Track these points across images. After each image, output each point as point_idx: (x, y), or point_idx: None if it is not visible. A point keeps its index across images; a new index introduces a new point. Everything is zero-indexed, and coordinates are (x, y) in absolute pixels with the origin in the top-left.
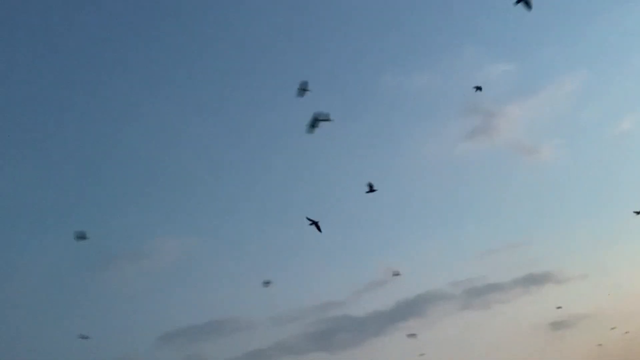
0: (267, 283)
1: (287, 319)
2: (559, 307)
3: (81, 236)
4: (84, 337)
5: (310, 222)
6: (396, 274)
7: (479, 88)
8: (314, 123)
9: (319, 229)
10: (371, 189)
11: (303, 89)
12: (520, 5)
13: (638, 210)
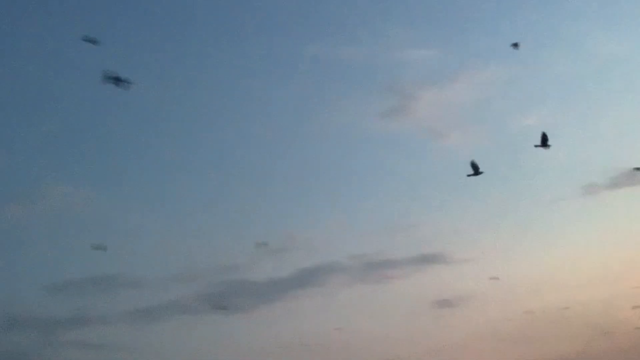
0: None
1: (183, 278)
2: (494, 278)
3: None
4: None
5: (473, 173)
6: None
7: (515, 45)
8: (111, 80)
9: (476, 172)
10: (544, 142)
11: (90, 40)
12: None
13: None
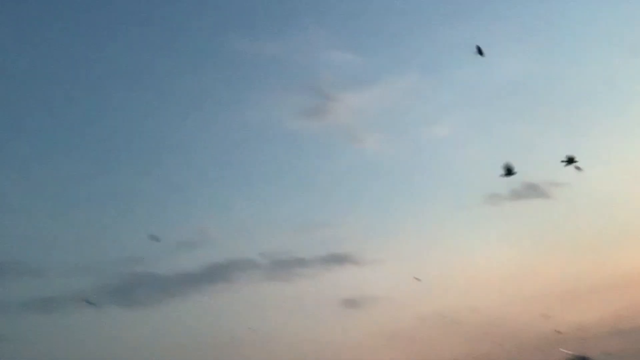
0: (154, 238)
1: (85, 269)
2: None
3: None
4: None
5: (506, 173)
6: None
7: (480, 51)
8: None
9: (510, 173)
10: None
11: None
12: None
13: (564, 159)
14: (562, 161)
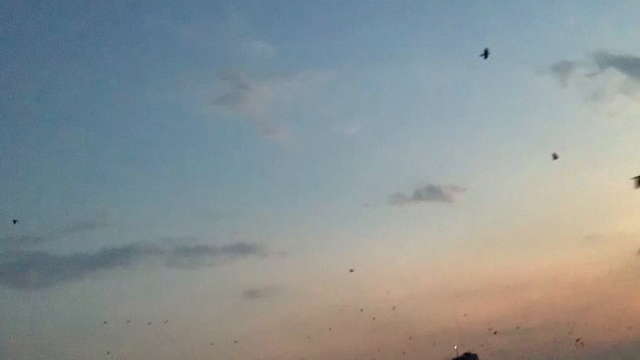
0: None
1: None
2: (351, 270)
3: None
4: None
5: (484, 54)
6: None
7: (485, 54)
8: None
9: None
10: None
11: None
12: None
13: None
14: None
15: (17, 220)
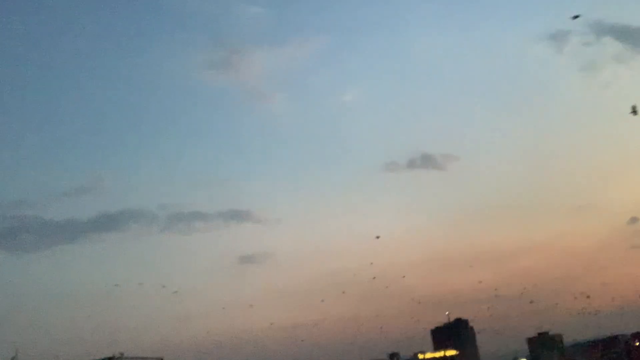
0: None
1: None
2: (377, 237)
3: None
4: None
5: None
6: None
7: (576, 16)
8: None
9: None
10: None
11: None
12: None
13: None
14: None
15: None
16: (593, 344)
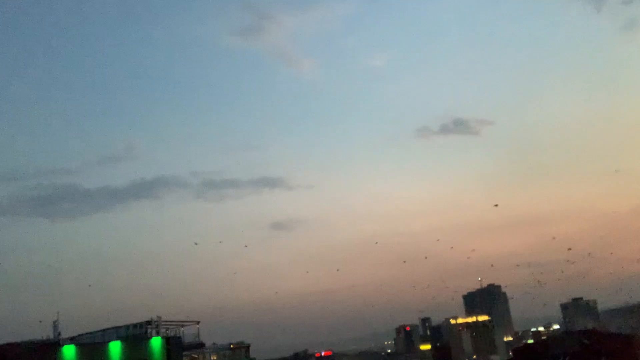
0: None
1: (6, 178)
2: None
3: None
4: None
5: None
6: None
7: None
8: None
9: None
10: None
11: None
12: None
13: None
14: None
15: None
16: (628, 310)
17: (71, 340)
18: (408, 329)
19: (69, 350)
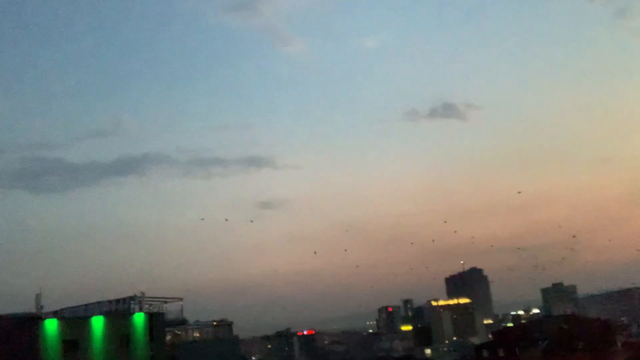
0: None
1: None
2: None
3: None
4: None
5: None
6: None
7: None
8: None
9: None
10: None
11: None
12: None
13: None
14: None
15: None
16: (607, 296)
17: (54, 314)
18: (390, 309)
19: (51, 324)
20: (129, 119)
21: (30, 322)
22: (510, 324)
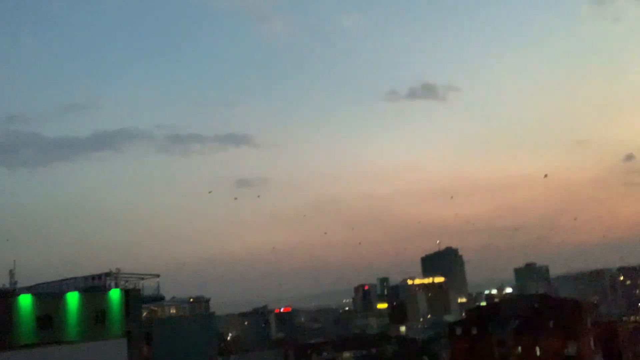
0: None
1: None
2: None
3: None
4: None
5: None
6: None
7: None
8: None
9: None
10: None
11: None
12: None
13: None
14: None
15: None
16: (579, 277)
17: (28, 289)
18: (367, 288)
19: (25, 300)
20: (106, 93)
21: (4, 298)
22: (483, 303)
